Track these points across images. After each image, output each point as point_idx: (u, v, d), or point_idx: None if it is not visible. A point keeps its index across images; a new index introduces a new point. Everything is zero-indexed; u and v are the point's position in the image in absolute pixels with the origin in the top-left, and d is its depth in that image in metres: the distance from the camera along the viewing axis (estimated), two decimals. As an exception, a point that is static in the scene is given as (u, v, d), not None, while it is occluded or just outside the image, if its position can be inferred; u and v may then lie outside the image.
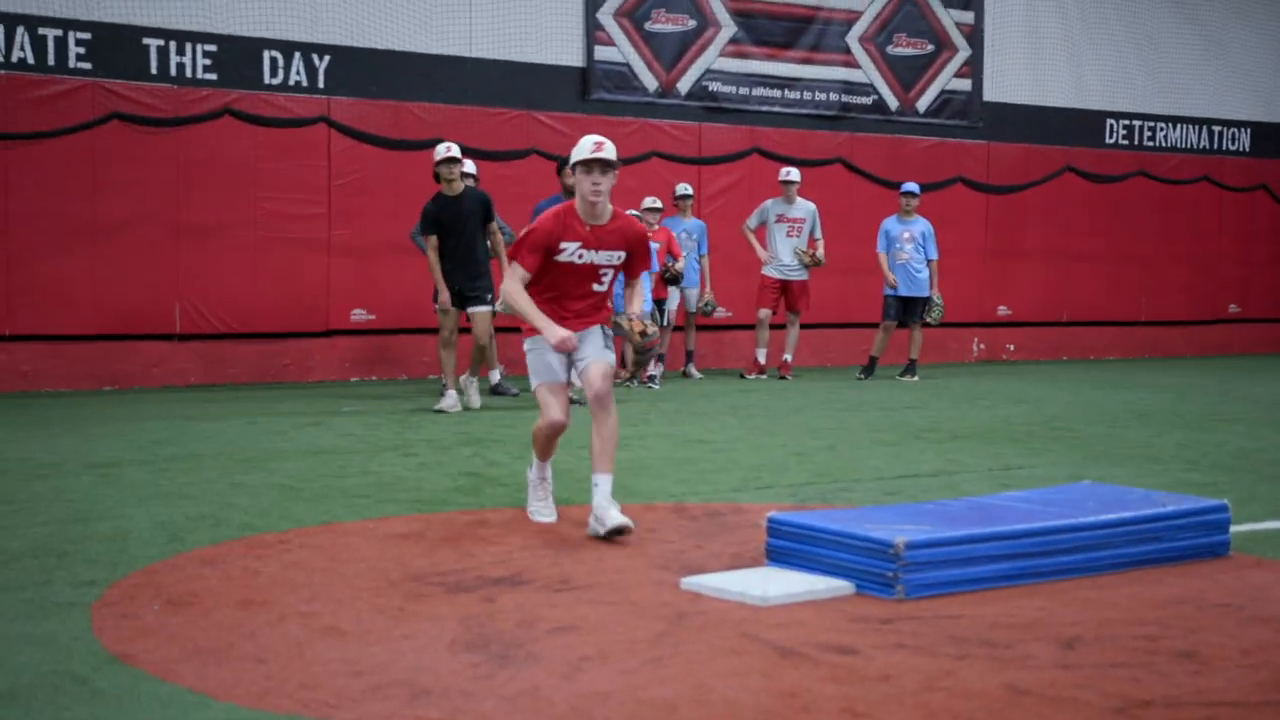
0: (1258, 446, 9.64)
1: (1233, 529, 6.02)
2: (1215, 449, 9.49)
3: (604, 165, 6.34)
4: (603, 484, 6.15)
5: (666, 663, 4.23)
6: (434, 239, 11.30)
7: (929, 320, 15.18)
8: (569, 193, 11.67)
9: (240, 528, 6.33)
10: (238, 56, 13.91)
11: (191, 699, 3.83)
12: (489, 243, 11.60)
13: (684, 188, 14.91)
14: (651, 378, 13.75)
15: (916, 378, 15.08)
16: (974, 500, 6.37)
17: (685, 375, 14.95)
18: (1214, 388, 14.56)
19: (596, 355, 6.36)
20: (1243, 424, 11.07)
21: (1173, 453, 9.30)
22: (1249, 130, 20.72)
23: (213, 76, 13.79)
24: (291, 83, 14.18)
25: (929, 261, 15.04)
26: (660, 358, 14.26)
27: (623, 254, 6.47)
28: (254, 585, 5.20)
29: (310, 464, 8.35)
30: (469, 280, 11.39)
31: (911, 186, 15.33)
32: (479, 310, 11.47)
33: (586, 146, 6.36)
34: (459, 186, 11.36)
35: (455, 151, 11.34)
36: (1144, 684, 4.05)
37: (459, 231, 11.31)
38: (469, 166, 12.14)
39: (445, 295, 11.31)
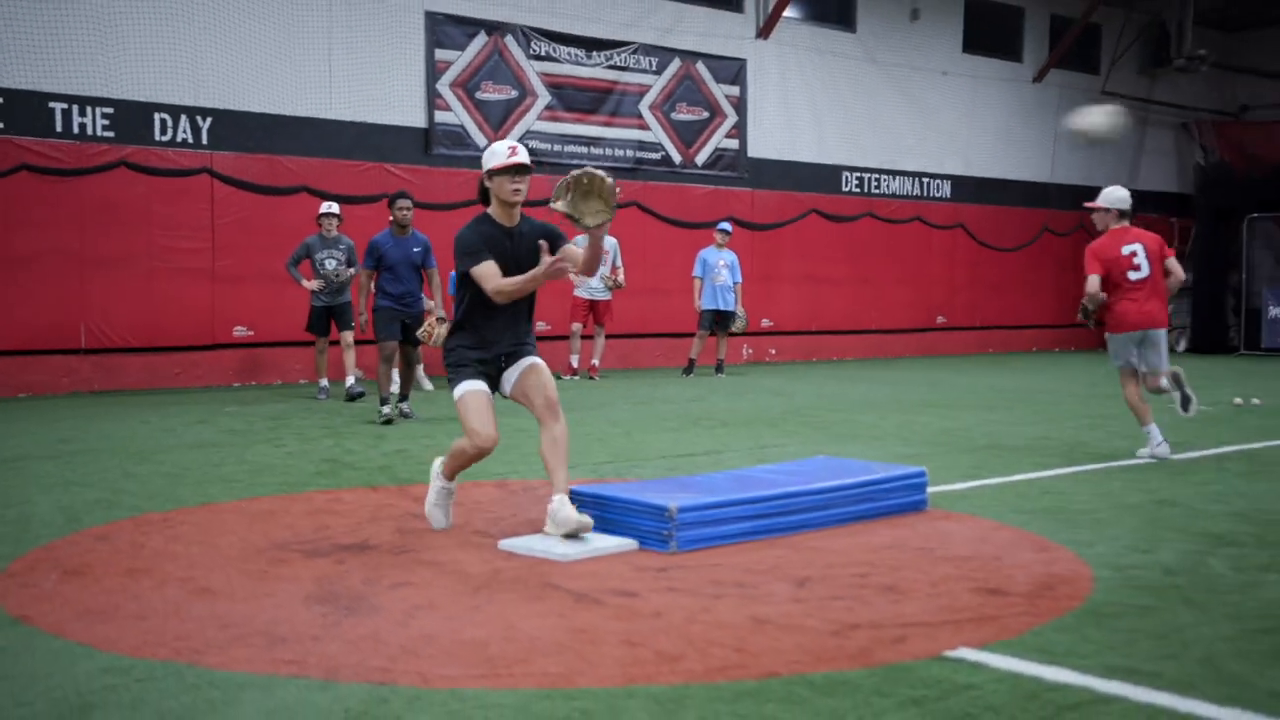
0: (955, 426, 9.99)
1: (930, 490, 6.23)
2: (924, 428, 9.80)
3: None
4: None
5: (483, 609, 4.22)
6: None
7: (734, 329, 15.50)
8: (398, 226, 10.12)
9: (130, 509, 6.11)
10: (132, 117, 13.39)
11: (79, 651, 3.70)
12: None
13: None
14: None
15: (725, 375, 15.44)
16: (733, 472, 6.45)
17: None
18: (924, 381, 15.05)
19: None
20: (945, 409, 11.46)
21: (892, 432, 9.57)
22: (949, 181, 21.49)
23: (110, 134, 13.25)
24: (179, 140, 13.70)
25: (736, 284, 15.37)
26: None
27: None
28: (139, 556, 5.03)
29: (194, 456, 8.09)
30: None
31: (725, 225, 15.69)
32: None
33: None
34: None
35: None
36: (855, 611, 4.19)
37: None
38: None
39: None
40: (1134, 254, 7.85)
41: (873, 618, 4.09)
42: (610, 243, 14.91)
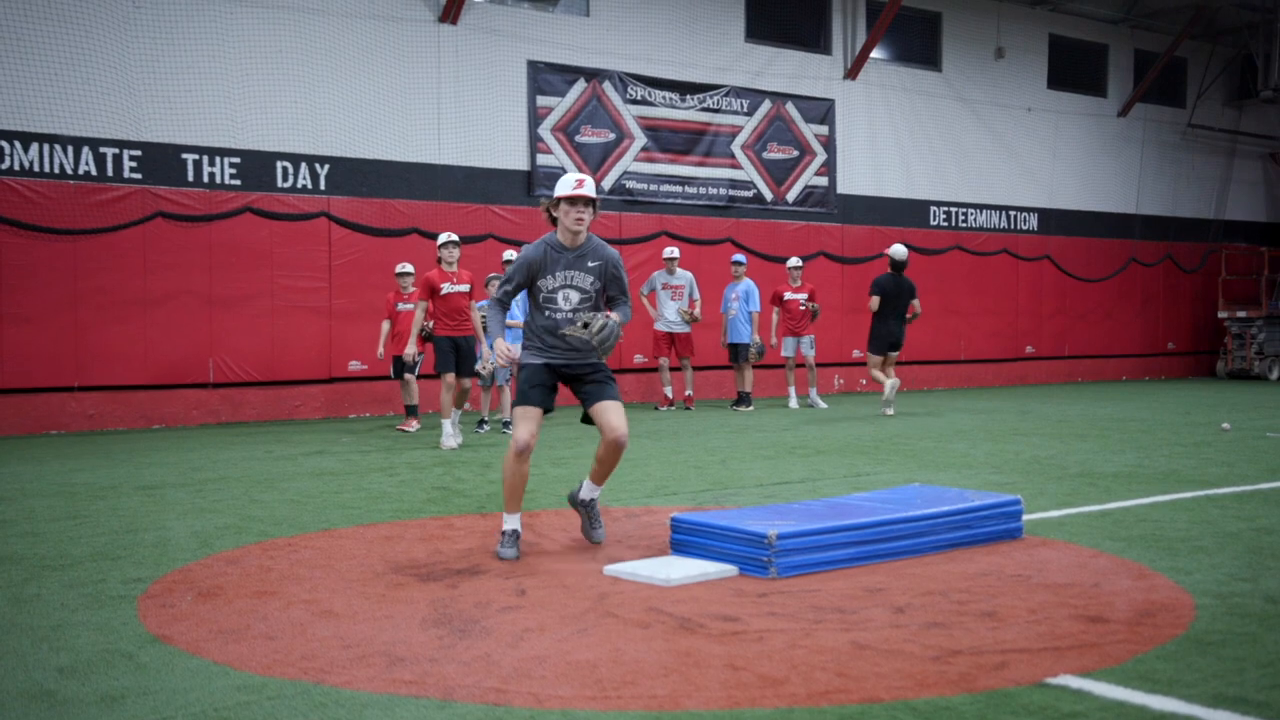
0: (1046, 454, 9.75)
1: (1025, 518, 6.09)
2: (1014, 457, 9.58)
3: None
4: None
5: (590, 632, 4.22)
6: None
7: (750, 359, 14.78)
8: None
9: (258, 534, 6.24)
10: (257, 166, 13.80)
11: (215, 669, 3.77)
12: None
13: None
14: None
15: (751, 407, 14.68)
16: (830, 500, 6.36)
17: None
18: (1014, 410, 14.75)
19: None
20: (1035, 437, 11.21)
21: (983, 460, 9.38)
22: (1036, 214, 21.12)
23: (237, 182, 13.67)
24: (299, 186, 14.08)
25: (752, 314, 14.81)
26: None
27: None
28: (267, 579, 5.12)
29: (314, 484, 8.24)
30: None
31: (739, 257, 15.23)
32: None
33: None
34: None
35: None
36: (955, 637, 4.09)
37: None
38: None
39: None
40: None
41: (973, 644, 3.99)
42: (686, 277, 14.85)
